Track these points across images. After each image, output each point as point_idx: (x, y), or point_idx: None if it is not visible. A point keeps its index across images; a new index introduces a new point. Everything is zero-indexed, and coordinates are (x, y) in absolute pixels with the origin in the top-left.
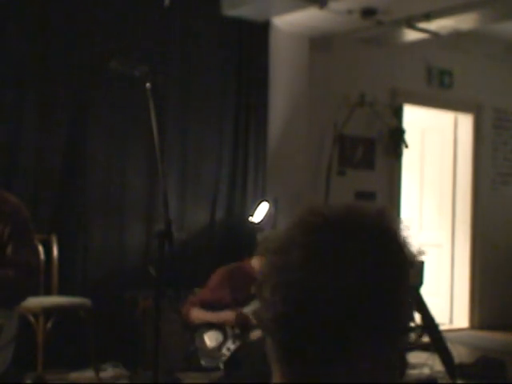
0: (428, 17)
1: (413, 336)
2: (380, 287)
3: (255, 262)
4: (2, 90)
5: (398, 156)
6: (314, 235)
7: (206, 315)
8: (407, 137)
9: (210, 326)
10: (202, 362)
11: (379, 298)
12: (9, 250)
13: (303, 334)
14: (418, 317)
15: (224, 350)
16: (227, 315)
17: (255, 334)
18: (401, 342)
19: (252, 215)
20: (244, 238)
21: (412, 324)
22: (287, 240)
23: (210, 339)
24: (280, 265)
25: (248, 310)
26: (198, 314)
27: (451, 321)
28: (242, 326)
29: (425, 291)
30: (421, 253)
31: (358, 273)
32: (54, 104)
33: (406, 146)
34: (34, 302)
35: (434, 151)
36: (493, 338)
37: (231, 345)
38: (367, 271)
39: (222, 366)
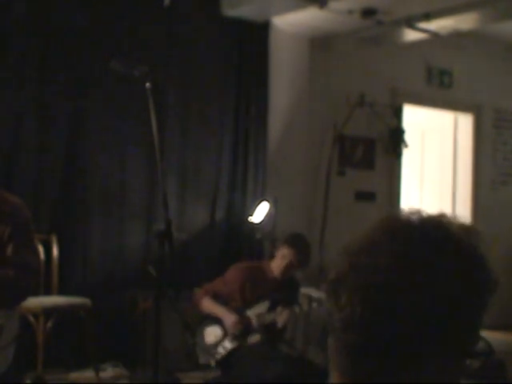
0: (428, 17)
1: (474, 363)
2: (462, 304)
3: (274, 265)
4: (2, 90)
5: (397, 156)
6: (404, 241)
7: (213, 308)
8: (407, 137)
9: (214, 320)
10: (201, 360)
11: (460, 315)
12: (9, 250)
13: (375, 336)
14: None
15: (220, 348)
16: (229, 318)
17: (253, 338)
18: (465, 365)
19: (252, 215)
20: (244, 238)
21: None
22: (371, 243)
23: (209, 335)
24: (362, 266)
25: (252, 312)
26: (208, 304)
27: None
28: (242, 331)
29: None
30: (498, 278)
31: (445, 284)
32: (54, 104)
33: (406, 146)
34: (34, 302)
35: (434, 151)
36: (493, 338)
37: (228, 344)
38: (454, 285)
39: (213, 363)
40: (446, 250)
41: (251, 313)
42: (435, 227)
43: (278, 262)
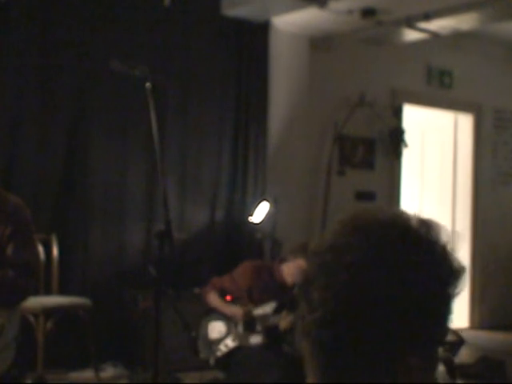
0: (428, 17)
1: (448, 354)
2: (428, 296)
3: (286, 268)
4: (2, 89)
5: (397, 156)
6: (367, 238)
7: (218, 304)
8: (407, 137)
9: (220, 315)
10: (201, 354)
11: (427, 307)
12: (9, 250)
13: (350, 332)
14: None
15: (221, 346)
16: (235, 310)
17: (256, 339)
18: (437, 353)
19: (252, 215)
20: (244, 238)
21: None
22: (337, 241)
23: (213, 330)
24: (330, 265)
25: (257, 312)
26: (213, 299)
27: (451, 321)
28: (247, 324)
29: None
30: (463, 267)
31: (410, 278)
32: (54, 104)
33: (406, 146)
34: (34, 302)
35: (434, 151)
36: (493, 337)
37: (230, 342)
38: (418, 278)
39: (212, 361)
40: (408, 245)
41: (256, 312)
42: (396, 223)
43: (292, 270)
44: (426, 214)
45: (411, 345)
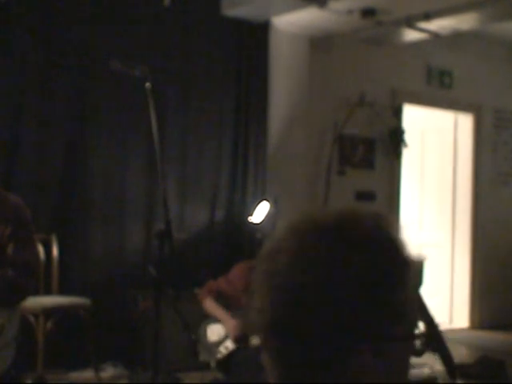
0: (428, 17)
1: (418, 344)
2: (371, 289)
3: None
4: (3, 89)
5: (397, 156)
6: (301, 239)
7: (215, 310)
8: (407, 137)
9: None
10: (201, 357)
11: (371, 301)
12: (9, 249)
13: (298, 336)
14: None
15: (222, 348)
16: (229, 324)
17: (255, 341)
18: (404, 348)
19: (252, 215)
20: (244, 238)
21: (417, 331)
22: (276, 246)
23: (212, 333)
24: (269, 270)
25: None
26: (209, 305)
27: (451, 321)
28: (241, 337)
29: (425, 291)
30: (420, 255)
31: (346, 276)
32: (54, 104)
33: (406, 146)
34: (34, 302)
35: (434, 151)
36: (493, 337)
37: (230, 344)
38: (356, 274)
39: (213, 363)
40: (349, 243)
41: None
42: (336, 222)
43: None
44: (425, 215)
45: (362, 342)
